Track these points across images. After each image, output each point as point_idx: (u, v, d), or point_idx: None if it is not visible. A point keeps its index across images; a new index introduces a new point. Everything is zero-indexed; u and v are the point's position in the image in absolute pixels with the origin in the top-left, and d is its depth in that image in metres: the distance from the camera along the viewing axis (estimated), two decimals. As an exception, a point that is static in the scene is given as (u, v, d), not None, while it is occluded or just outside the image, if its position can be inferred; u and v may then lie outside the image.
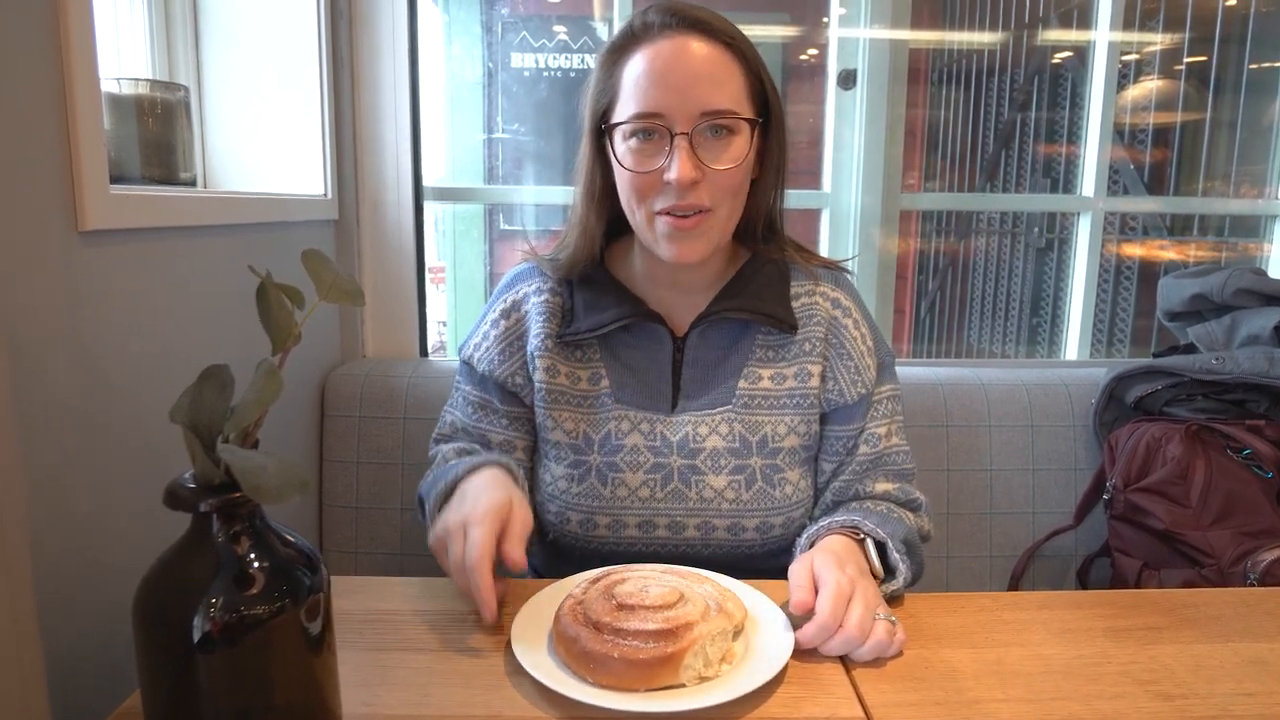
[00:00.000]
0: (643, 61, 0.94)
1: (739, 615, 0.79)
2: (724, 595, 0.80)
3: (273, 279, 0.61)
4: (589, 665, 0.72)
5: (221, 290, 1.08)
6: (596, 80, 1.00)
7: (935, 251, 2.87)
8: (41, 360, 0.76)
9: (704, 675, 0.73)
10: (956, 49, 2.71)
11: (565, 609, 0.78)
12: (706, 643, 0.73)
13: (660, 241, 0.98)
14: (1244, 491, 1.31)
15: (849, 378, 1.06)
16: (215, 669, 0.58)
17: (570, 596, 0.80)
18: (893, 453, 1.08)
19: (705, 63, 0.93)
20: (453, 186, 1.94)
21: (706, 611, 0.76)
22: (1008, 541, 1.53)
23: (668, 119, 0.93)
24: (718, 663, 0.74)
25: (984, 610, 0.90)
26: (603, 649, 0.72)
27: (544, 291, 1.07)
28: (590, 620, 0.75)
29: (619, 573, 0.84)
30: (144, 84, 1.20)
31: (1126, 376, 1.49)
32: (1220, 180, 2.27)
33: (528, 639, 0.78)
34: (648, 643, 0.72)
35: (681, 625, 0.73)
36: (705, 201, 0.95)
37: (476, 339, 1.11)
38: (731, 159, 0.95)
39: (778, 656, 0.76)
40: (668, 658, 0.71)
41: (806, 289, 1.07)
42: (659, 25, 0.94)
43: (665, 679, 0.72)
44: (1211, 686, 0.76)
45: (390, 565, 1.46)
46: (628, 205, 0.99)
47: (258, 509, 0.61)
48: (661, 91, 0.92)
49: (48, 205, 0.78)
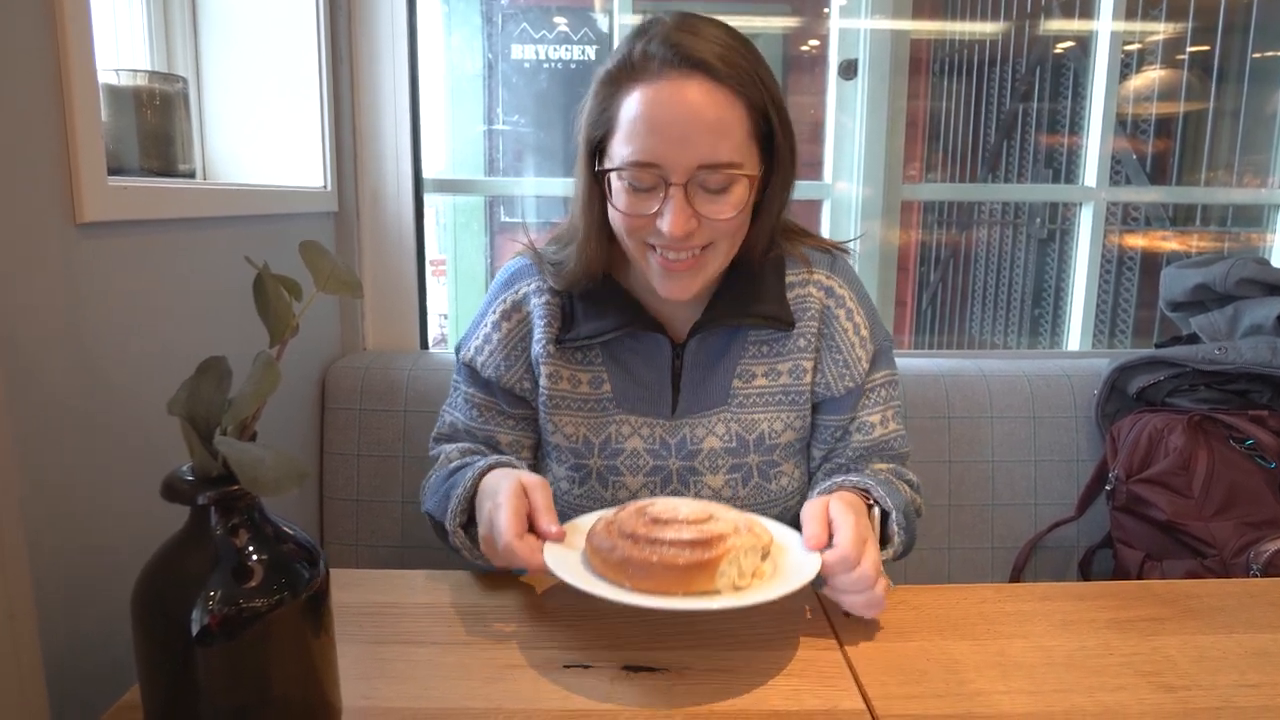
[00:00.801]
0: (638, 104, 0.88)
1: (766, 538, 0.81)
2: (750, 521, 0.83)
3: (270, 270, 0.61)
4: (627, 571, 0.75)
5: (220, 283, 1.08)
6: (592, 108, 0.94)
7: (937, 242, 2.86)
8: (39, 352, 0.76)
9: (738, 585, 0.76)
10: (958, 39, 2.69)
11: (598, 529, 0.81)
12: (741, 554, 0.76)
13: (654, 277, 0.96)
14: (1246, 482, 1.31)
15: (836, 371, 1.05)
16: (214, 662, 0.58)
17: (601, 519, 0.83)
18: (890, 438, 1.08)
19: (705, 110, 0.87)
20: (453, 178, 1.94)
21: (737, 528, 0.79)
22: (1009, 533, 1.53)
23: (663, 169, 0.88)
24: (750, 575, 0.77)
25: (986, 602, 0.90)
26: (642, 555, 0.75)
27: (544, 292, 1.05)
28: (626, 533, 0.78)
29: (644, 499, 0.87)
30: (142, 75, 1.19)
31: (1129, 367, 1.48)
32: (1223, 170, 2.26)
33: (564, 563, 0.80)
34: (685, 550, 0.74)
35: (715, 536, 0.76)
36: (700, 244, 0.92)
37: (478, 342, 1.08)
38: (731, 207, 0.91)
39: (807, 571, 0.78)
40: (705, 563, 0.74)
41: (801, 278, 1.05)
42: (659, 62, 0.87)
43: (702, 584, 0.74)
44: (1214, 678, 0.75)
45: (391, 558, 1.46)
46: (622, 238, 0.96)
47: (256, 502, 0.61)
48: (657, 141, 0.87)
49: (45, 197, 0.77)
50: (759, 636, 0.82)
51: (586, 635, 0.82)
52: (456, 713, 0.70)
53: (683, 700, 0.71)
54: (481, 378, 1.07)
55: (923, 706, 0.71)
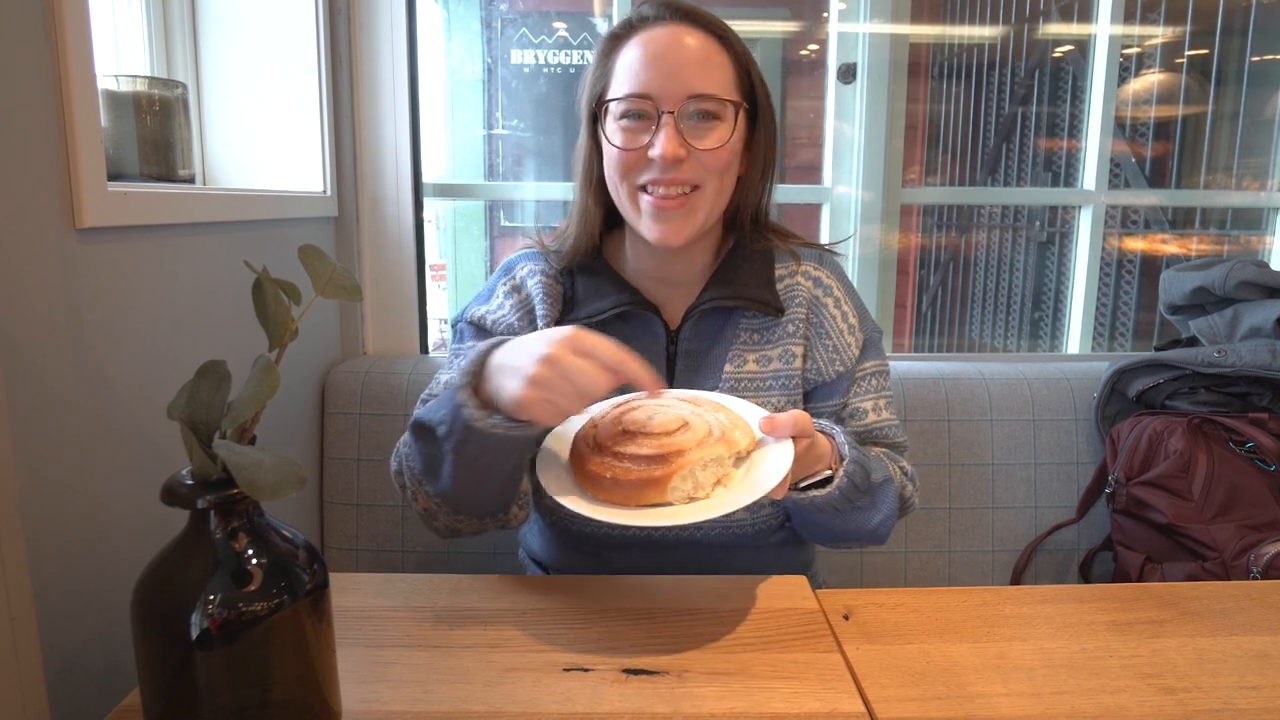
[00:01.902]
0: (636, 48, 0.97)
1: (743, 443, 0.82)
2: (734, 424, 0.84)
3: (269, 274, 0.61)
4: (589, 482, 0.81)
5: (220, 288, 1.08)
6: (593, 69, 1.03)
7: (936, 246, 2.86)
8: (39, 357, 0.76)
9: (693, 496, 0.79)
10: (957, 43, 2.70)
11: (582, 432, 0.86)
12: (697, 468, 0.78)
13: (645, 220, 0.99)
14: (1246, 485, 1.31)
15: (826, 356, 1.07)
16: (214, 666, 0.58)
17: (590, 420, 0.87)
18: (883, 426, 1.10)
19: (695, 50, 0.96)
20: (452, 183, 1.94)
21: (706, 439, 0.80)
22: (1010, 536, 1.53)
23: (656, 99, 0.95)
24: (710, 485, 0.79)
25: (986, 604, 0.90)
26: (599, 469, 0.80)
27: (538, 274, 1.08)
28: (596, 443, 0.83)
29: (636, 400, 0.88)
30: (142, 81, 1.20)
31: (1129, 370, 1.48)
32: (1222, 173, 2.26)
33: (551, 457, 0.88)
34: (639, 465, 0.78)
35: (673, 451, 0.78)
36: (689, 177, 0.97)
37: (489, 306, 1.08)
38: (717, 139, 0.97)
39: (768, 481, 0.79)
40: (654, 480, 0.77)
41: (789, 270, 1.09)
42: (654, 16, 0.98)
43: (652, 497, 0.78)
44: (1215, 680, 0.75)
45: (391, 562, 1.46)
46: (613, 185, 1.01)
47: (256, 505, 0.61)
48: (652, 74, 0.95)
49: (45, 203, 0.78)
50: (759, 639, 0.82)
51: (586, 638, 0.82)
52: (456, 716, 0.69)
53: (682, 703, 0.71)
54: (492, 335, 1.05)
55: (923, 709, 0.71)
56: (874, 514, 0.98)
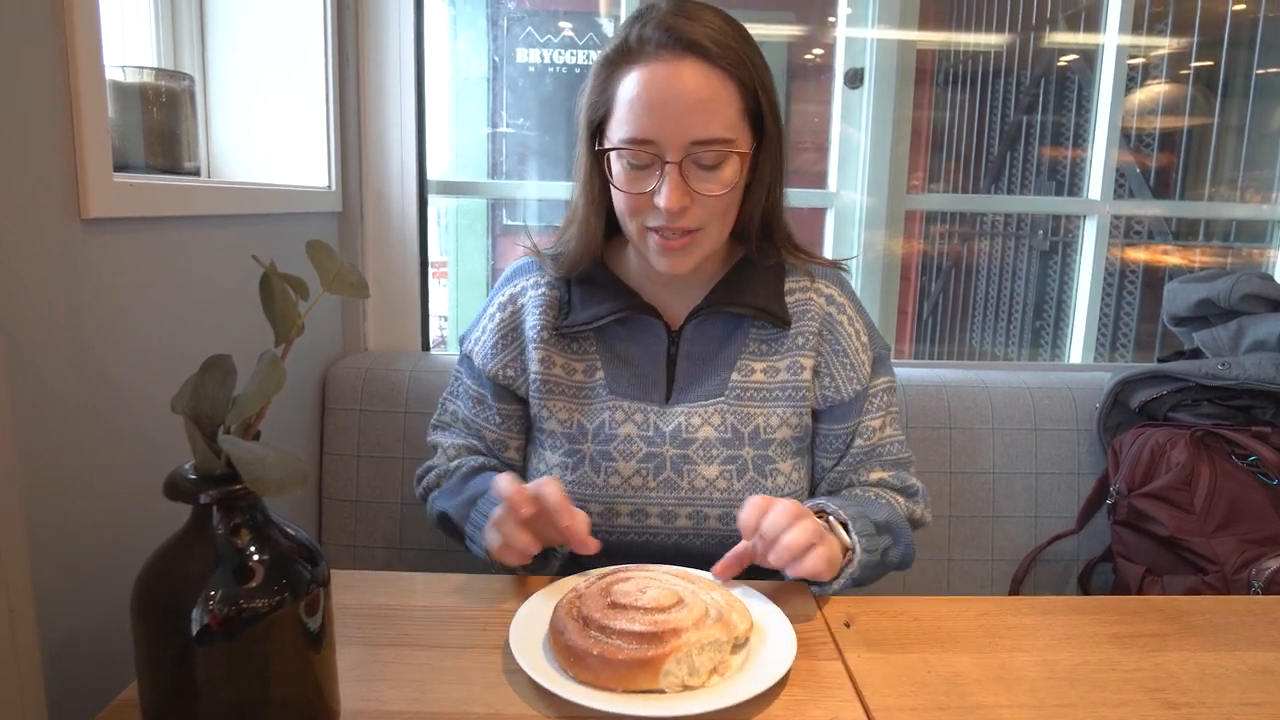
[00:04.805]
0: (635, 85, 0.93)
1: (742, 628, 0.76)
2: (730, 605, 0.78)
3: (277, 269, 0.61)
4: (571, 659, 0.72)
5: (224, 281, 1.08)
6: (591, 90, 0.99)
7: (938, 253, 2.86)
8: (41, 347, 0.76)
9: (688, 684, 0.71)
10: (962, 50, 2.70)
11: (564, 602, 0.78)
12: (694, 651, 0.71)
13: (652, 255, 1.00)
14: (1249, 498, 1.31)
15: (845, 374, 1.07)
16: (213, 662, 0.58)
17: (573, 589, 0.80)
18: (887, 443, 1.10)
19: (698, 90, 0.91)
20: (456, 180, 1.94)
21: (702, 619, 0.74)
22: (1009, 545, 1.52)
23: (659, 146, 0.93)
24: (706, 673, 0.72)
25: (987, 614, 0.90)
26: (584, 644, 0.71)
27: (541, 285, 1.09)
28: (581, 615, 0.75)
29: (625, 571, 0.83)
30: (149, 72, 1.19)
31: (1131, 381, 1.48)
32: (1227, 185, 2.26)
33: (527, 629, 0.78)
34: (630, 644, 0.71)
35: (668, 630, 0.71)
36: (694, 223, 0.96)
37: (476, 333, 1.13)
38: (721, 184, 0.95)
39: (765, 677, 0.72)
40: (647, 661, 0.70)
41: (801, 285, 1.09)
42: (655, 44, 0.92)
43: (643, 683, 0.70)
44: (1218, 695, 0.75)
45: (389, 559, 1.46)
46: (621, 218, 1.01)
47: (258, 501, 0.61)
48: (653, 120, 0.92)
49: (51, 192, 0.77)
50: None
51: (586, 641, 0.81)
52: (455, 717, 0.69)
53: (684, 710, 0.70)
54: (475, 367, 1.12)
55: (924, 718, 0.71)
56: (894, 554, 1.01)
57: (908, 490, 1.11)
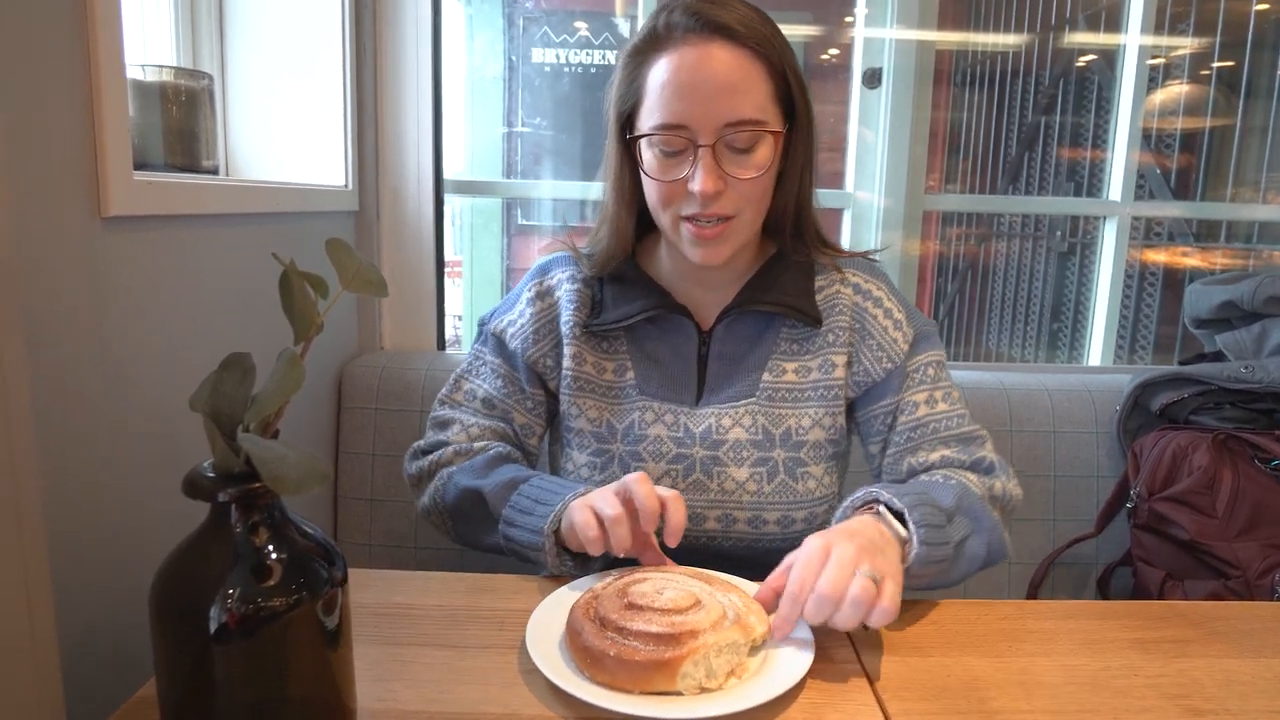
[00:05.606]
0: (665, 70, 0.92)
1: (760, 630, 0.76)
2: (749, 608, 0.78)
3: (296, 267, 0.61)
4: (588, 660, 0.72)
5: (242, 278, 1.08)
6: (620, 81, 0.99)
7: (955, 254, 2.84)
8: (61, 344, 0.76)
9: (705, 686, 0.70)
10: (980, 50, 2.68)
11: (581, 603, 0.78)
12: (711, 653, 0.70)
13: (686, 245, 0.99)
14: (1272, 502, 1.29)
15: (873, 355, 1.05)
16: (231, 660, 0.57)
17: (590, 590, 0.80)
18: (941, 417, 1.04)
19: (729, 72, 0.91)
20: (472, 180, 1.94)
21: (720, 621, 0.73)
22: (1027, 548, 1.51)
23: (691, 130, 0.92)
24: (723, 675, 0.72)
25: (1007, 619, 0.89)
26: (600, 645, 0.71)
27: (576, 281, 1.08)
28: (598, 616, 0.74)
29: (641, 572, 0.83)
30: (169, 71, 1.19)
31: (1152, 383, 1.46)
32: (1249, 187, 2.24)
33: (544, 629, 0.78)
34: (647, 645, 0.70)
35: (685, 632, 0.71)
36: (728, 210, 0.95)
37: (511, 315, 1.10)
38: (755, 168, 0.94)
39: (783, 680, 0.72)
40: (664, 663, 0.69)
41: (830, 280, 1.07)
42: (683, 29, 0.92)
43: (660, 684, 0.69)
44: (1244, 703, 0.74)
45: (404, 558, 1.46)
46: (654, 209, 1.00)
47: (277, 500, 0.61)
48: (685, 104, 0.91)
49: (71, 190, 0.78)
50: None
51: (603, 642, 0.81)
52: (472, 717, 0.69)
53: (701, 713, 0.70)
54: (508, 349, 1.09)
55: (944, 724, 0.70)
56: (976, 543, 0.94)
57: (979, 465, 1.03)
